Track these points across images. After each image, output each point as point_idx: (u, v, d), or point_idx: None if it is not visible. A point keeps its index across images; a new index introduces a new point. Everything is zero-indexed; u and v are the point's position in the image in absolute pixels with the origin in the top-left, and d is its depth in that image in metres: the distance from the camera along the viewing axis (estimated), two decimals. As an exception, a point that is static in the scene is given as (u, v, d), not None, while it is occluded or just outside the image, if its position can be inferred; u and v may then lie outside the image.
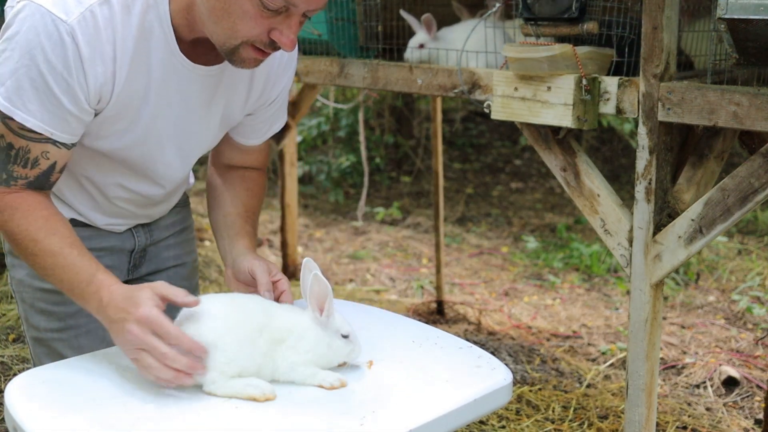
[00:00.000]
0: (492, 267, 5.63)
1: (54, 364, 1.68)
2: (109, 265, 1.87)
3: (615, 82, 2.22)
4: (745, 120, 1.97)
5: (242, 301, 1.63)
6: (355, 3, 3.02)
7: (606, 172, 7.42)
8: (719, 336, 4.33)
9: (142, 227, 2.01)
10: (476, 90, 2.54)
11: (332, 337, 1.59)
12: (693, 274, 5.20)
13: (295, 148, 5.11)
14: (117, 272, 1.94)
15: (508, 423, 3.33)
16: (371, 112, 7.89)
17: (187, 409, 1.48)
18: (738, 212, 2.05)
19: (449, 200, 7.17)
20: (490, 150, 8.86)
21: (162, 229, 2.06)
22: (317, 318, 1.60)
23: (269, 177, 8.15)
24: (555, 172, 2.43)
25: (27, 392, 1.53)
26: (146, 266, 2.06)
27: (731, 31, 1.88)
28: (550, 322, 4.57)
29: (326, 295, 1.58)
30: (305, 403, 1.51)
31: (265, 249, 6.00)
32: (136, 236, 2.00)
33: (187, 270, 2.15)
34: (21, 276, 1.93)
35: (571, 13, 2.27)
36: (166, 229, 2.08)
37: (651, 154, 2.18)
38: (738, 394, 3.65)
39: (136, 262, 2.03)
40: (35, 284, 1.91)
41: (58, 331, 1.92)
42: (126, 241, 1.99)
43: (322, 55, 3.03)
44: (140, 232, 2.01)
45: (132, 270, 2.04)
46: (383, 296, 5.02)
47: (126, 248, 2.00)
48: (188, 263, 2.16)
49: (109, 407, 1.47)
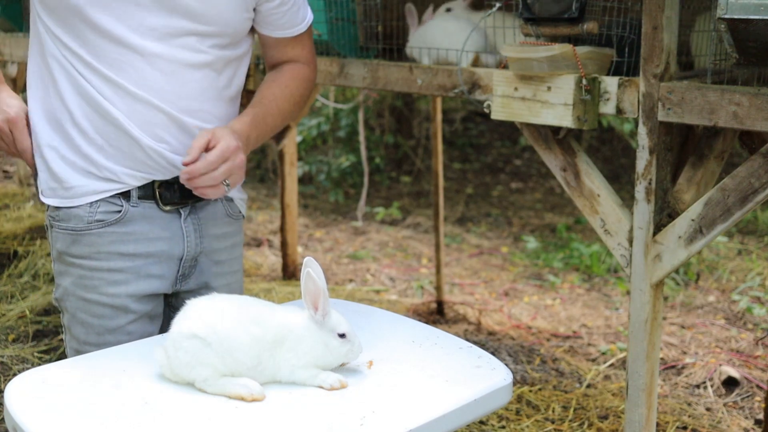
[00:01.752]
0: (492, 267, 5.63)
1: (54, 364, 1.68)
2: (157, 275, 1.90)
3: (615, 82, 2.22)
4: (745, 120, 1.97)
5: (240, 301, 1.63)
6: (355, 3, 3.02)
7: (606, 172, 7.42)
8: (719, 336, 4.33)
9: (193, 223, 1.94)
10: (476, 90, 2.54)
11: (329, 337, 1.59)
12: (693, 274, 5.20)
13: (295, 148, 5.10)
14: (164, 282, 1.93)
15: (508, 423, 3.33)
16: (371, 112, 7.89)
17: (186, 409, 1.48)
18: (738, 212, 2.05)
19: (449, 200, 7.17)
20: (490, 150, 8.86)
21: (212, 238, 1.99)
22: (314, 317, 1.60)
23: (269, 177, 8.15)
24: (555, 172, 2.43)
25: (27, 392, 1.53)
26: (195, 278, 1.99)
27: (731, 31, 1.88)
28: (550, 322, 4.57)
29: (320, 292, 1.58)
30: (305, 402, 1.51)
31: (265, 249, 6.00)
32: (185, 237, 1.93)
33: (232, 290, 2.08)
34: (66, 284, 1.91)
35: (571, 13, 2.27)
36: (218, 239, 2.01)
37: (651, 154, 2.18)
38: (738, 394, 3.65)
39: (185, 271, 1.97)
40: (78, 293, 1.89)
41: (96, 345, 1.88)
42: (175, 245, 1.92)
43: (322, 55, 3.03)
44: (191, 232, 1.94)
45: (180, 280, 1.97)
46: (383, 296, 5.02)
47: (175, 254, 1.93)
48: (232, 285, 2.08)
49: (109, 407, 1.47)
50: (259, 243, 6.15)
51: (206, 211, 1.98)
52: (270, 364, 1.57)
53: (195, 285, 1.99)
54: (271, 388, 1.55)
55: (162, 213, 1.91)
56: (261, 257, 5.75)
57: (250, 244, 6.16)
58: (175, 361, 1.55)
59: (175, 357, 1.55)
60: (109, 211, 1.87)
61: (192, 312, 1.58)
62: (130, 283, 1.89)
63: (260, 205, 7.42)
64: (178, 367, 1.55)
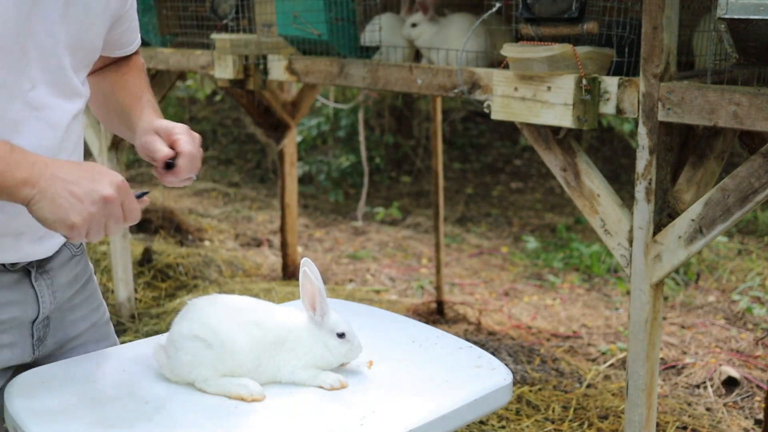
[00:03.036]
0: (492, 267, 5.63)
1: (54, 364, 1.68)
2: (9, 343, 1.62)
3: (615, 82, 2.22)
4: (745, 120, 1.97)
5: (240, 302, 1.63)
6: (355, 3, 3.02)
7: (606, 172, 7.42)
8: (719, 336, 4.33)
9: (44, 280, 1.67)
10: (476, 90, 2.54)
11: (328, 337, 1.59)
12: (693, 274, 5.20)
13: (295, 148, 5.11)
14: (19, 351, 1.64)
15: (508, 423, 3.33)
16: (371, 112, 7.89)
17: (186, 409, 1.48)
18: (738, 212, 2.05)
19: (449, 200, 7.17)
20: (490, 150, 8.86)
21: (63, 287, 1.72)
22: (312, 318, 1.60)
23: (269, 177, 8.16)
24: (555, 172, 2.43)
25: (27, 392, 1.53)
26: (52, 336, 1.71)
27: (731, 31, 1.88)
28: (550, 322, 4.57)
29: (316, 291, 1.58)
30: (305, 403, 1.51)
31: (265, 249, 6.00)
32: (40, 297, 1.65)
33: (101, 330, 1.84)
34: None
35: (571, 13, 2.27)
36: (68, 286, 1.74)
37: (651, 154, 2.18)
38: (738, 394, 3.65)
39: (40, 334, 1.68)
40: None
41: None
42: (28, 308, 1.64)
43: (322, 55, 3.03)
44: (44, 290, 1.66)
45: (37, 345, 1.68)
46: (383, 296, 5.01)
47: (28, 318, 1.64)
48: (99, 323, 1.84)
49: (109, 407, 1.47)
50: (259, 243, 6.15)
51: (52, 261, 1.70)
52: (270, 365, 1.57)
53: (53, 344, 1.73)
54: (271, 388, 1.55)
55: (9, 274, 1.62)
56: (261, 257, 5.75)
57: (250, 244, 6.16)
58: (175, 361, 1.55)
59: (175, 357, 1.55)
60: None
61: (192, 313, 1.58)
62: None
63: (260, 205, 7.42)
64: (178, 368, 1.55)
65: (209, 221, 6.68)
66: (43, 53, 1.51)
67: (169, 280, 4.93)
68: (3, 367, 1.63)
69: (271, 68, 3.27)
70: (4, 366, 1.63)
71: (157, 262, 5.05)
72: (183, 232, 6.05)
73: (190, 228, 6.17)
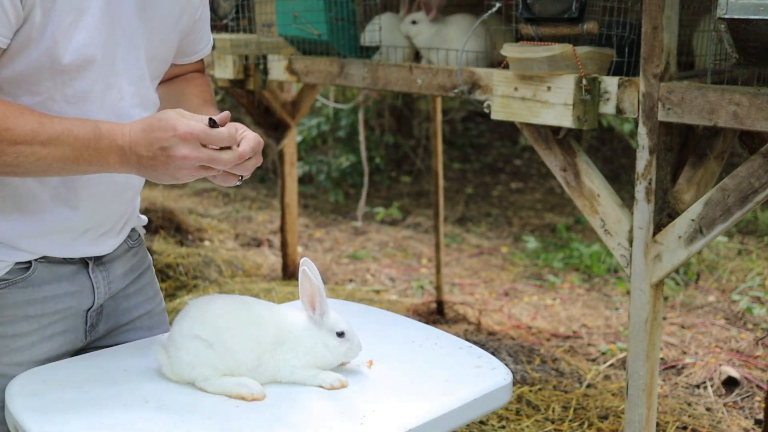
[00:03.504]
0: (492, 267, 5.64)
1: (54, 363, 1.68)
2: (63, 331, 1.69)
3: (615, 82, 2.23)
4: (745, 120, 1.97)
5: (240, 301, 1.63)
6: (354, 3, 3.03)
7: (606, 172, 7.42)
8: (719, 336, 4.33)
9: (101, 272, 1.73)
10: (476, 90, 2.54)
11: (328, 337, 1.59)
12: (693, 274, 5.20)
13: (295, 148, 5.11)
14: (72, 337, 1.72)
15: (508, 423, 3.33)
16: (371, 112, 7.89)
17: (186, 409, 1.48)
18: (738, 212, 2.05)
19: (449, 200, 7.17)
20: (490, 150, 8.86)
21: (119, 278, 1.79)
22: (312, 317, 1.60)
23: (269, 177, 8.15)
24: (555, 172, 2.43)
25: (27, 392, 1.53)
26: (104, 323, 1.79)
27: (731, 31, 1.88)
28: (550, 322, 4.57)
29: (316, 291, 1.58)
30: (305, 402, 1.51)
31: (265, 249, 6.00)
32: (96, 288, 1.72)
33: (154, 319, 1.89)
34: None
35: (571, 13, 2.27)
36: (124, 277, 1.81)
37: (651, 154, 2.18)
38: (738, 394, 3.65)
39: (93, 321, 1.75)
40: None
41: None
42: (84, 298, 1.71)
43: (322, 55, 3.04)
44: (100, 281, 1.73)
45: (89, 331, 1.76)
46: (383, 296, 5.02)
47: (83, 307, 1.71)
48: (154, 312, 1.89)
49: (109, 407, 1.47)
50: (259, 243, 6.15)
51: (110, 254, 1.76)
52: (270, 365, 1.57)
53: (105, 330, 1.79)
54: (272, 387, 1.55)
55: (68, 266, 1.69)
56: (261, 257, 5.76)
57: (250, 244, 6.16)
58: (176, 360, 1.55)
59: (176, 357, 1.55)
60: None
61: (193, 312, 1.58)
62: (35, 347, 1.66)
63: (260, 205, 7.42)
64: (179, 367, 1.55)
65: (209, 221, 6.68)
66: (127, 65, 1.59)
67: (169, 280, 4.93)
68: (56, 354, 1.70)
69: (271, 68, 3.28)
70: (58, 352, 1.70)
71: (157, 262, 5.05)
72: (183, 232, 6.05)
73: (190, 228, 6.17)
